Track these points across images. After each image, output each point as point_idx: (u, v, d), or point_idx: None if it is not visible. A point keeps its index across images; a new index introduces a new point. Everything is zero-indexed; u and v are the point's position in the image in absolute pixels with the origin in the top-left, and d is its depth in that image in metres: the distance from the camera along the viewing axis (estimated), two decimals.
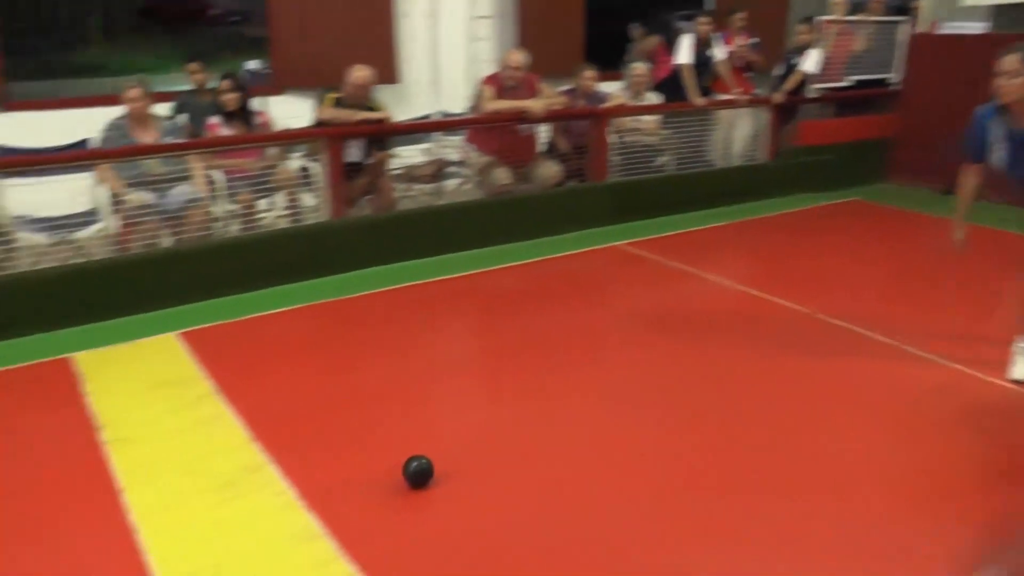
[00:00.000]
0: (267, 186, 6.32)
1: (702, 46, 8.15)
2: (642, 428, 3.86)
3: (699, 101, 7.95)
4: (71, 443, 3.77)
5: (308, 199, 6.53)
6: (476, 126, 7.24)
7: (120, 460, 3.60)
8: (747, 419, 3.93)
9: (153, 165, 5.97)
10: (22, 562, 3.00)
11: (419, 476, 3.35)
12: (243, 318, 5.25)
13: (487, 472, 3.50)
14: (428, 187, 7.52)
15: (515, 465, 3.56)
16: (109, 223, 5.90)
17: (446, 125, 7.89)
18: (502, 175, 7.07)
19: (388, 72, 8.01)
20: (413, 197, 7.38)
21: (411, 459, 3.36)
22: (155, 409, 4.06)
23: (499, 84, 6.98)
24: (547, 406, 4.08)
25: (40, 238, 5.86)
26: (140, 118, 6.00)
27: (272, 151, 6.53)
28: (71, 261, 5.63)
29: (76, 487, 3.44)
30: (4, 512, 3.28)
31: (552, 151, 7.56)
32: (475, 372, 4.65)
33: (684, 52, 8.05)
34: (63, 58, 8.39)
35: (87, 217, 6.12)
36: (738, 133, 8.60)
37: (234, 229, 6.19)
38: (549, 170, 7.30)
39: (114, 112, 6.13)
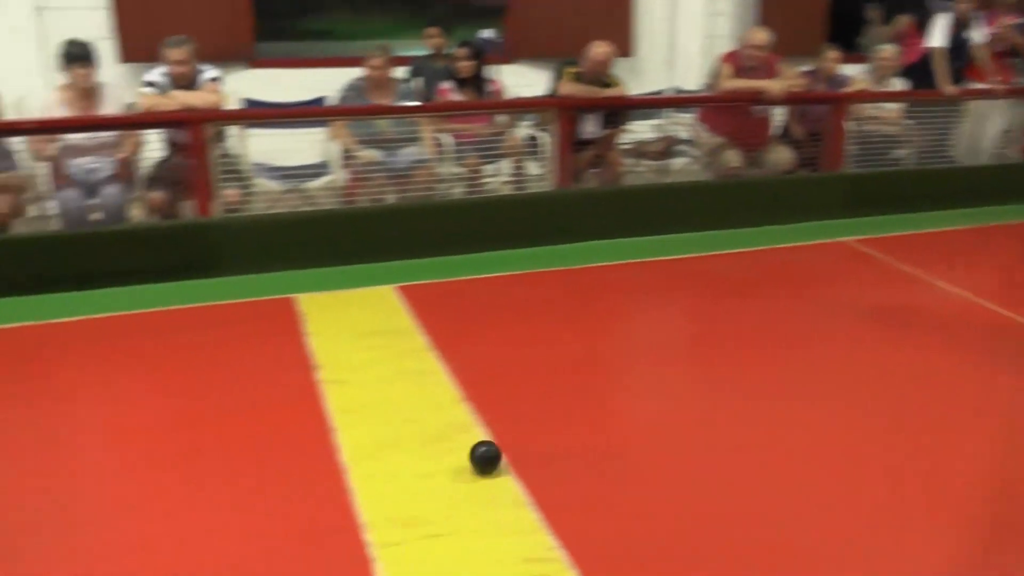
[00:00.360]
0: (494, 152, 6.33)
1: (959, 27, 7.49)
2: (848, 431, 3.57)
3: (949, 90, 7.35)
4: (290, 378, 3.90)
5: (534, 168, 6.50)
6: (710, 105, 6.99)
7: (334, 400, 3.66)
8: (966, 437, 3.54)
9: (385, 125, 6.10)
10: (239, 481, 3.11)
11: (485, 462, 3.19)
12: (459, 279, 5.27)
13: (685, 457, 3.34)
14: (655, 164, 7.34)
15: (713, 454, 3.37)
16: (338, 176, 6.10)
17: (679, 102, 7.67)
18: (732, 157, 6.81)
19: (623, 45, 7.84)
20: (639, 173, 7.23)
21: (480, 443, 3.21)
22: (370, 356, 4.12)
23: (738, 63, 6.70)
24: (751, 399, 3.84)
25: (274, 185, 6.17)
26: (379, 82, 6.15)
27: (501, 118, 6.54)
28: (300, 208, 5.85)
29: (293, 421, 3.53)
30: (227, 433, 3.43)
31: (786, 136, 7.21)
32: (680, 356, 4.46)
33: (938, 34, 7.44)
34: (303, 21, 8.71)
35: (318, 169, 6.37)
36: (990, 127, 7.89)
37: (458, 192, 6.25)
38: (781, 156, 6.96)
39: (351, 73, 6.33)
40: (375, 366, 4.01)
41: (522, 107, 6.63)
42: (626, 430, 3.59)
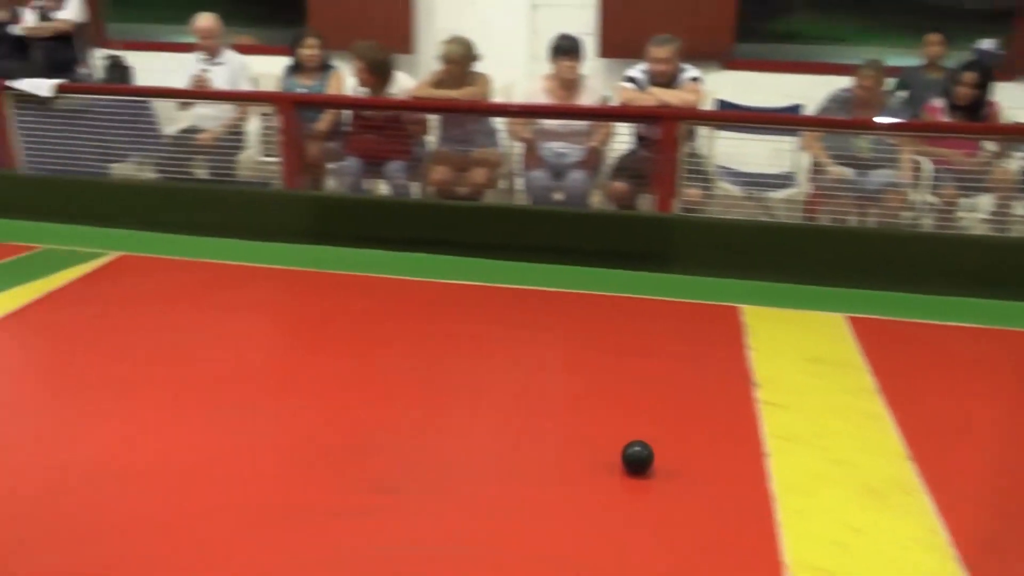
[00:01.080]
0: (977, 185, 5.72)
1: None
2: None
3: None
4: (727, 390, 3.82)
5: (1021, 208, 5.79)
6: None
7: (770, 424, 3.52)
8: None
9: (864, 144, 5.79)
10: (659, 477, 3.10)
11: (637, 463, 3.02)
12: (916, 321, 4.79)
13: None
14: None
15: None
16: (803, 190, 5.89)
17: None
18: None
19: None
20: None
21: (634, 443, 3.05)
22: (812, 384, 3.91)
23: None
24: None
25: (735, 189, 6.09)
26: (867, 100, 5.84)
27: (991, 146, 5.87)
28: (757, 217, 5.74)
29: (725, 434, 3.46)
30: (654, 428, 3.36)
31: None
32: None
33: None
34: (774, 22, 8.48)
35: (782, 179, 6.21)
36: None
37: (927, 223, 5.75)
38: None
39: (830, 81, 6.08)
40: (817, 395, 3.79)
41: (1014, 133, 5.85)
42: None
